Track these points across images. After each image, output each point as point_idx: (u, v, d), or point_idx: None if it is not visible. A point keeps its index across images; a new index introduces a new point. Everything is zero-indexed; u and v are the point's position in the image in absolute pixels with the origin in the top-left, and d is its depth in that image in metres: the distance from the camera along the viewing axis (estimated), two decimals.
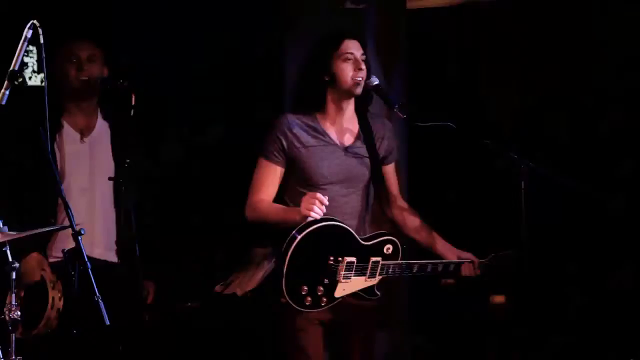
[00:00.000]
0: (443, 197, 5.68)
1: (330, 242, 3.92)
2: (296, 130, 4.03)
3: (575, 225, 5.37)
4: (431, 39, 5.80)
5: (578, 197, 4.07)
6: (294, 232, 3.87)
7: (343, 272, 3.93)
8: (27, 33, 3.45)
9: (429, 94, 5.56)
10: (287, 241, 3.87)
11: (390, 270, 4.05)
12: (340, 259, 3.92)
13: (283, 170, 4.05)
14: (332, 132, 4.09)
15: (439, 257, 4.17)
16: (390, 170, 4.25)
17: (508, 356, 5.13)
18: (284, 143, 4.01)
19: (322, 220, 3.88)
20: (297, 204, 3.93)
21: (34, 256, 4.23)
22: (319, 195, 3.84)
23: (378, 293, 4.06)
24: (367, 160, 4.13)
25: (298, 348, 4.00)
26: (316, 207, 3.82)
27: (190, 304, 5.31)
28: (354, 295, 3.99)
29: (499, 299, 5.72)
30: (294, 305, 3.88)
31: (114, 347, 4.18)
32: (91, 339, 4.01)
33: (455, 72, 5.81)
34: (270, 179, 4.05)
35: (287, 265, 3.85)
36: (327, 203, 3.85)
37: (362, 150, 4.13)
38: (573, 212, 5.18)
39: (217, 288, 5.34)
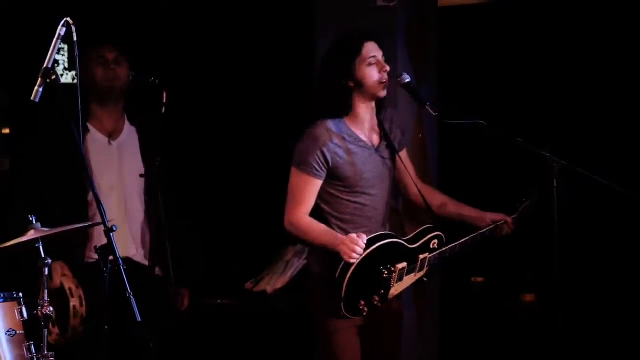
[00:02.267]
0: (474, 195, 5.65)
1: (381, 256, 3.95)
2: (336, 140, 4.00)
3: (608, 224, 5.33)
4: (462, 36, 5.78)
5: (611, 196, 4.02)
6: (344, 264, 3.89)
7: (397, 279, 3.98)
8: (61, 31, 3.45)
9: (459, 91, 5.55)
10: (341, 269, 3.89)
11: (437, 260, 4.11)
12: (393, 268, 3.96)
13: (322, 182, 4.03)
14: (362, 136, 4.10)
15: (472, 228, 4.22)
16: (404, 155, 4.27)
17: (538, 355, 5.10)
18: (328, 156, 3.98)
19: (370, 243, 3.91)
20: (332, 209, 4.02)
21: (57, 264, 4.26)
22: (358, 241, 3.85)
23: (425, 279, 4.12)
24: (391, 155, 4.16)
25: (335, 351, 4.04)
26: (355, 255, 3.85)
27: (220, 300, 5.32)
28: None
29: (529, 297, 5.70)
30: (351, 317, 3.94)
31: (145, 344, 4.19)
32: (122, 335, 4.03)
33: (486, 69, 5.79)
34: (310, 193, 4.02)
35: (345, 291, 3.88)
36: (364, 245, 3.87)
37: (388, 147, 4.16)
38: (605, 210, 5.14)
39: (248, 285, 5.39)
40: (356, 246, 3.85)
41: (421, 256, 4.05)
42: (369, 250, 3.90)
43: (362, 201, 4.06)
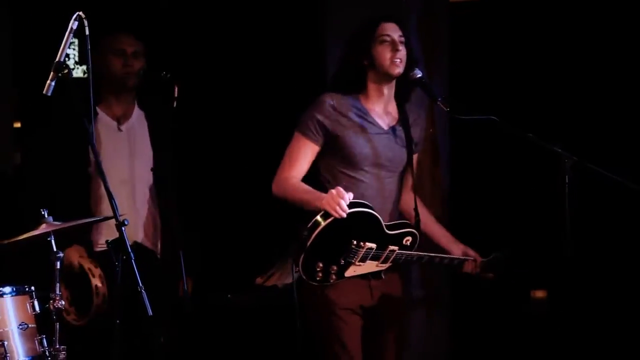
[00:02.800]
0: (484, 191, 5.65)
1: (356, 225, 3.89)
2: (342, 108, 4.00)
3: (620, 221, 5.32)
4: (473, 31, 5.76)
5: (623, 192, 4.01)
6: (319, 216, 3.84)
7: (360, 256, 3.93)
8: (73, 24, 3.45)
9: (471, 86, 5.54)
10: (312, 222, 3.84)
11: (402, 259, 4.05)
12: (362, 244, 3.91)
13: (318, 149, 4.02)
14: (374, 114, 4.08)
15: (444, 250, 4.22)
16: (414, 159, 4.25)
17: (548, 351, 5.09)
18: (326, 122, 3.98)
19: (352, 205, 3.83)
20: (335, 184, 3.94)
21: (73, 247, 4.27)
22: (344, 195, 3.79)
23: (383, 277, 4.06)
24: (406, 145, 4.14)
25: (333, 337, 4.00)
26: (339, 208, 3.79)
27: (230, 296, 5.32)
28: (361, 275, 4.00)
29: (540, 294, 5.69)
30: (303, 277, 3.89)
31: (156, 338, 4.20)
32: (134, 329, 4.04)
33: (497, 64, 5.78)
34: (303, 156, 4.01)
35: (311, 241, 3.83)
36: (348, 201, 3.80)
37: (402, 134, 4.14)
38: (617, 207, 5.13)
39: (258, 280, 5.36)
40: (341, 200, 3.78)
41: (391, 247, 4.00)
42: (352, 210, 3.83)
43: (359, 177, 4.01)
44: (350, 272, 3.96)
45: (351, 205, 3.83)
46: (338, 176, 4.02)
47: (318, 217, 3.85)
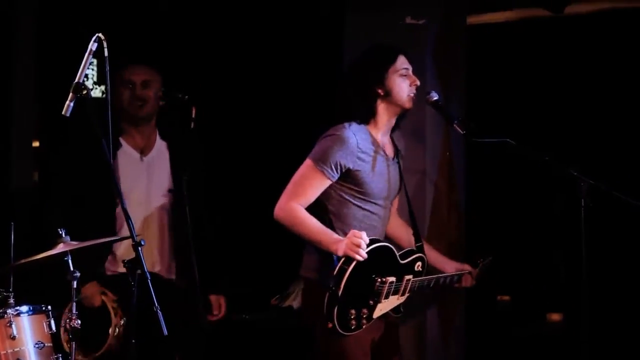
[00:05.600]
0: (500, 212, 5.65)
1: (374, 262, 3.84)
2: (362, 145, 3.96)
3: (636, 243, 5.30)
4: (490, 54, 5.78)
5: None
6: (342, 263, 3.78)
7: (385, 293, 3.90)
8: (92, 46, 3.48)
9: (487, 109, 5.54)
10: (337, 271, 3.77)
11: (416, 287, 4.05)
12: (384, 279, 3.87)
13: (330, 184, 3.94)
14: (383, 145, 4.08)
15: (438, 270, 4.25)
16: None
17: None
18: (349, 160, 3.91)
19: (371, 242, 3.82)
20: (340, 211, 3.94)
21: (94, 283, 4.29)
22: (363, 237, 3.76)
23: (402, 310, 4.05)
24: (399, 172, 4.16)
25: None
26: (361, 251, 3.75)
27: (246, 316, 5.33)
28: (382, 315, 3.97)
29: (555, 316, 5.67)
30: (339, 330, 3.80)
31: (171, 357, 4.21)
32: (149, 348, 4.04)
33: (514, 87, 5.78)
34: (315, 189, 3.93)
35: (342, 293, 3.76)
36: (367, 241, 3.78)
37: (397, 162, 4.16)
38: (634, 230, 5.12)
39: (274, 301, 5.39)
40: (361, 240, 3.75)
41: (406, 277, 3.98)
42: (371, 247, 3.81)
43: (370, 209, 4.01)
44: (377, 312, 3.91)
45: (370, 242, 3.82)
46: (348, 208, 3.97)
47: (342, 265, 3.78)
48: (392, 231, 4.26)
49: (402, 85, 4.02)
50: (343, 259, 3.78)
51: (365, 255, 3.76)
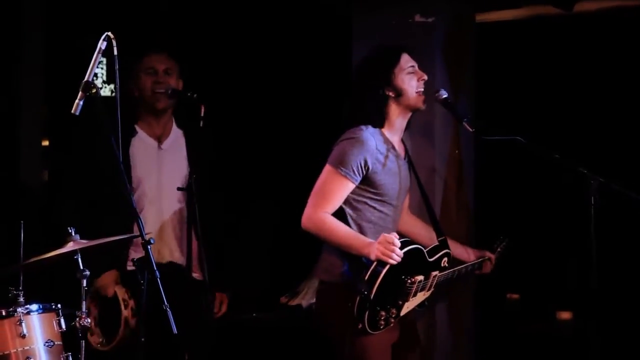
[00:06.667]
0: (509, 210, 5.64)
1: (405, 262, 3.84)
2: (380, 146, 3.97)
3: None
4: (499, 52, 5.77)
5: None
6: (375, 266, 3.79)
7: (414, 291, 3.92)
8: (102, 45, 3.48)
9: (497, 107, 5.53)
10: (370, 274, 3.78)
11: (441, 281, 4.07)
12: (413, 279, 3.87)
13: (354, 187, 3.96)
14: (396, 145, 4.08)
15: (459, 260, 4.27)
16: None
17: None
18: (369, 162, 3.91)
19: (403, 244, 3.83)
20: (357, 214, 3.94)
21: (111, 272, 4.30)
22: (395, 240, 3.76)
23: (427, 304, 4.06)
24: (410, 170, 4.17)
25: None
26: (395, 255, 3.76)
27: (256, 314, 5.33)
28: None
29: (565, 315, 5.66)
30: (368, 331, 3.82)
31: (181, 356, 4.21)
32: (158, 347, 4.05)
33: (523, 85, 5.77)
34: (340, 194, 3.92)
35: (374, 295, 3.78)
36: (399, 244, 3.79)
37: (407, 161, 4.16)
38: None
39: (283, 299, 5.39)
40: (394, 245, 3.75)
41: (433, 273, 3.99)
42: (406, 249, 3.82)
43: (386, 210, 4.02)
44: (404, 310, 3.94)
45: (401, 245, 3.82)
46: (365, 209, 3.97)
47: (375, 268, 3.78)
48: (407, 228, 4.27)
49: (411, 82, 4.02)
50: (375, 262, 3.78)
51: (399, 259, 3.77)
